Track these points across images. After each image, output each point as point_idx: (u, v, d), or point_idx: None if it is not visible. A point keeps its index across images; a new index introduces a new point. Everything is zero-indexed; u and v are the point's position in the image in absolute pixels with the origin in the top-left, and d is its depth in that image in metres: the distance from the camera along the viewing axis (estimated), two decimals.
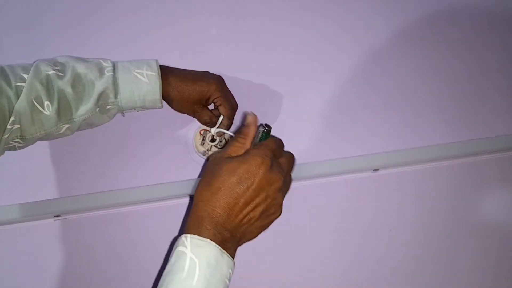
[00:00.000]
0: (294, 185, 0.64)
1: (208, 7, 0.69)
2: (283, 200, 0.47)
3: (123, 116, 0.59)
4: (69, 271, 0.61)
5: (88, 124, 0.56)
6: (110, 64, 0.55)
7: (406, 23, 0.71)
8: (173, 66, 0.60)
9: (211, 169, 0.46)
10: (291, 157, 0.49)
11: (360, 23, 0.71)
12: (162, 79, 0.56)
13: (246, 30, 0.69)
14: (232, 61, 0.68)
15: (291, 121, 0.66)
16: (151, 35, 0.68)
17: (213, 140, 0.63)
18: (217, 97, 0.58)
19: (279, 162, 0.47)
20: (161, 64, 0.58)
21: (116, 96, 0.54)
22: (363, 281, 0.63)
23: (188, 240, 0.41)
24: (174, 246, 0.43)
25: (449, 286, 0.63)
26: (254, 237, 0.47)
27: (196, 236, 0.41)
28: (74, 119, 0.53)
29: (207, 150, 0.63)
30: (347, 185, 0.65)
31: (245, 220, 0.44)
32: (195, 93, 0.57)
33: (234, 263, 0.43)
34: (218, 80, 0.59)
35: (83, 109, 0.53)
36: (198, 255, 0.40)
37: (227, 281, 0.42)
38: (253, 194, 0.43)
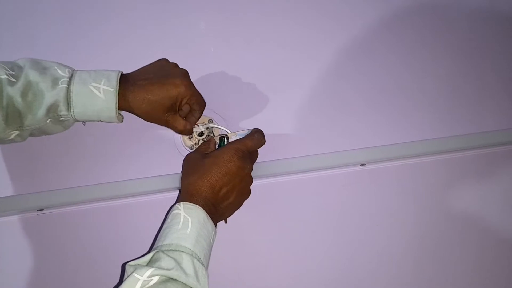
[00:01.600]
0: (279, 180, 0.64)
1: (196, 0, 0.69)
2: (252, 182, 0.57)
3: (84, 125, 0.58)
4: (53, 266, 0.60)
5: (41, 132, 0.55)
6: (67, 75, 0.53)
7: (395, 18, 0.72)
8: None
9: (192, 162, 0.56)
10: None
11: (350, 17, 0.71)
12: (121, 95, 0.54)
13: (235, 23, 0.69)
14: (221, 55, 0.68)
15: (278, 116, 0.66)
16: (138, 28, 0.68)
17: (201, 134, 0.63)
18: (189, 97, 0.56)
19: (250, 153, 0.56)
20: (148, 58, 0.57)
21: (68, 110, 0.53)
22: (349, 275, 0.63)
23: (181, 205, 0.50)
24: (169, 213, 0.51)
25: (434, 279, 0.64)
26: (231, 214, 0.56)
27: (188, 203, 0.50)
28: (23, 128, 0.52)
29: (195, 144, 0.63)
30: (333, 179, 0.65)
31: (225, 198, 0.53)
32: (164, 100, 0.55)
33: (216, 231, 0.52)
34: (185, 78, 0.56)
35: (31, 119, 0.52)
36: (190, 215, 0.49)
37: (211, 241, 0.51)
38: (230, 177, 0.53)
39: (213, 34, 0.69)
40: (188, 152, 0.63)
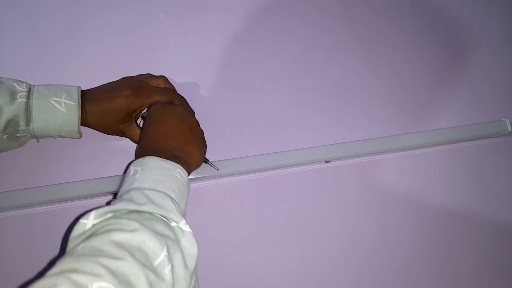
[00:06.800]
0: (245, 178, 0.62)
1: None
2: (194, 114, 0.56)
3: (38, 142, 0.56)
4: None
5: None
6: (25, 89, 0.51)
7: (357, 13, 0.73)
8: (117, 53, 0.56)
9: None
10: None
11: (312, 10, 0.71)
12: (81, 110, 0.53)
13: (195, 15, 0.67)
14: (181, 48, 0.65)
15: (240, 113, 0.64)
16: (93, 20, 0.63)
17: None
18: (139, 107, 0.55)
19: (169, 102, 0.56)
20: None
21: (27, 124, 0.51)
22: (313, 273, 0.62)
23: (132, 163, 0.47)
24: None
25: (398, 276, 0.65)
26: (200, 154, 0.54)
27: (138, 159, 0.47)
28: None
29: None
30: (298, 177, 0.64)
31: (176, 138, 0.51)
32: (115, 112, 0.54)
33: (184, 169, 0.48)
34: (134, 88, 0.55)
35: None
36: (141, 165, 0.46)
37: (179, 177, 0.47)
38: (162, 122, 0.51)
39: (173, 25, 0.65)
40: None
